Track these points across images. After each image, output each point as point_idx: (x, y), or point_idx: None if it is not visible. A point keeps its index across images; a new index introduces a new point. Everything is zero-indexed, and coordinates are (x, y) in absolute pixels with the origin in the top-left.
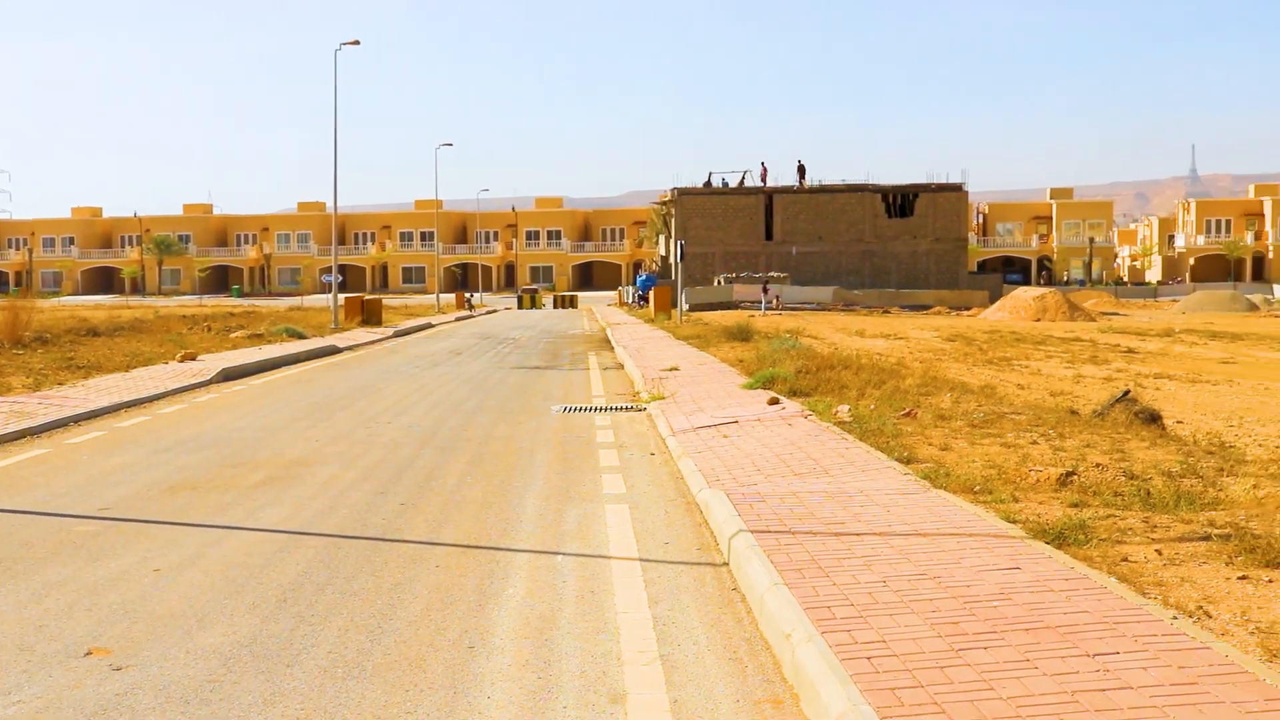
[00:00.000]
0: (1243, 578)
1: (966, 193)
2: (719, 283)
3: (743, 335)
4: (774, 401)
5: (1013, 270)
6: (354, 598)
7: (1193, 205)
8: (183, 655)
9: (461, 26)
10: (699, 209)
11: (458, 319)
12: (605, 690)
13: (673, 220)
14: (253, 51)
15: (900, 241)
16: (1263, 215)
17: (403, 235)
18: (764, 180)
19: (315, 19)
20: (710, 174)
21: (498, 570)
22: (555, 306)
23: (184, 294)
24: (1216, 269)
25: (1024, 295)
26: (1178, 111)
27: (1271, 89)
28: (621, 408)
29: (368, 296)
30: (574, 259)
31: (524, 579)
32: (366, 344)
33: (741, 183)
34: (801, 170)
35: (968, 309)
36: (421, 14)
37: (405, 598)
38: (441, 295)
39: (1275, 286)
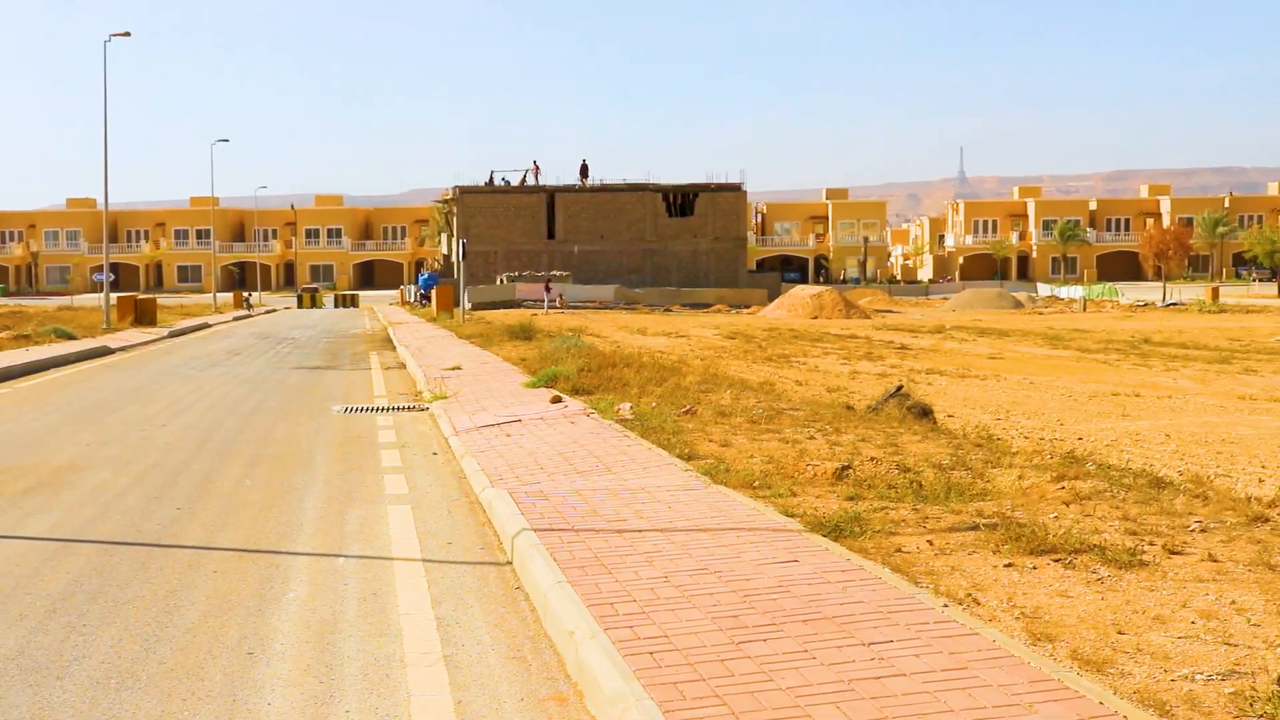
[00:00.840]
0: (1009, 565)
1: (745, 192)
2: (502, 281)
3: (525, 334)
4: (557, 400)
5: (791, 269)
6: (128, 606)
7: (961, 206)
8: None
9: (236, 22)
10: (481, 207)
11: (236, 319)
12: (389, 693)
13: (455, 219)
14: (18, 42)
15: (681, 240)
16: (1026, 216)
17: (178, 233)
18: (536, 179)
19: (85, 10)
20: (492, 172)
21: (278, 574)
22: (336, 305)
23: None
24: (984, 267)
25: (802, 293)
26: (947, 115)
27: (1033, 94)
28: (404, 408)
29: (141, 296)
30: (355, 257)
31: (305, 582)
32: (141, 345)
33: (523, 181)
34: (584, 169)
35: (747, 307)
36: (196, 9)
37: (182, 604)
38: (219, 294)
39: (1039, 285)
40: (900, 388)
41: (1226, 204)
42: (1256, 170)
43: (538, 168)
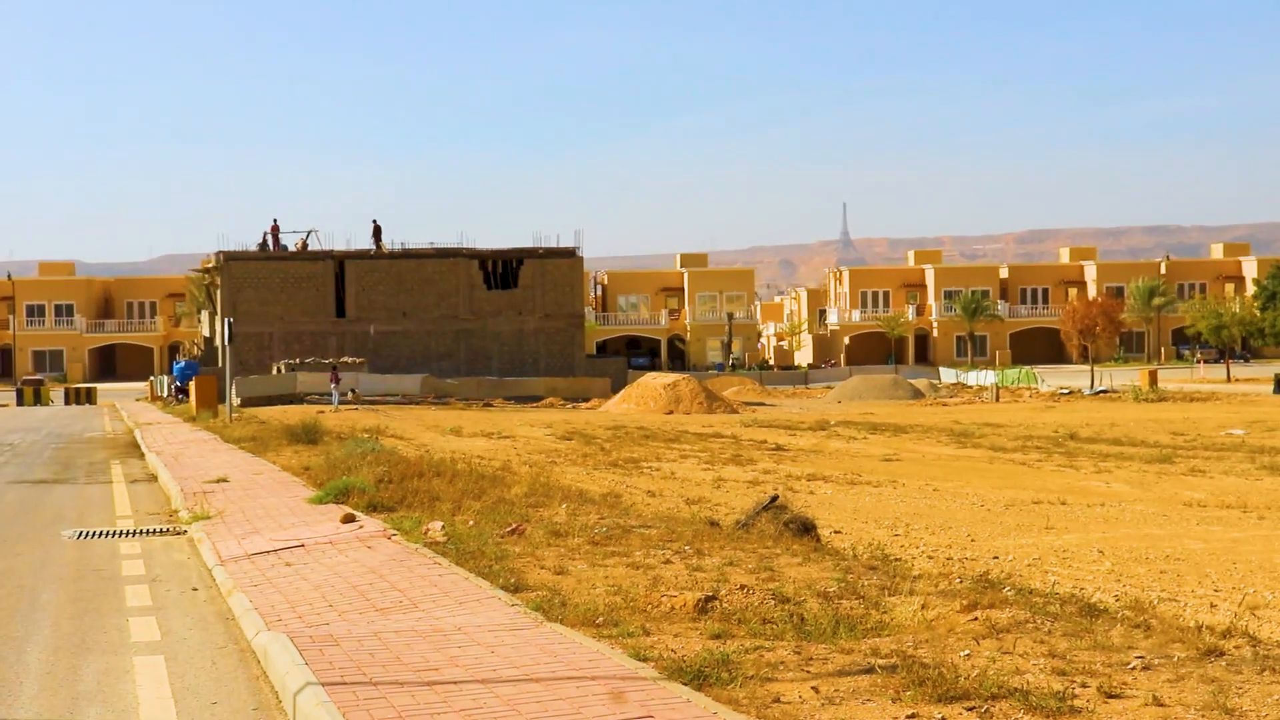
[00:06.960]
0: (911, 716)
1: (582, 259)
2: (279, 370)
3: (309, 436)
4: (349, 519)
5: (639, 353)
6: None
7: (845, 274)
8: None
9: None
10: (252, 278)
11: None
12: None
13: (219, 292)
14: None
15: (503, 318)
16: (924, 286)
17: None
18: (274, 241)
19: None
20: (265, 234)
21: None
22: (68, 402)
23: None
24: (875, 349)
25: (653, 383)
26: (827, 165)
27: (929, 140)
28: (155, 531)
29: None
30: (91, 341)
31: None
32: None
33: (304, 245)
34: (377, 231)
35: (586, 400)
36: None
37: None
38: None
39: (942, 369)
40: (775, 498)
41: (1163, 270)
42: (1197, 229)
43: (276, 227)
